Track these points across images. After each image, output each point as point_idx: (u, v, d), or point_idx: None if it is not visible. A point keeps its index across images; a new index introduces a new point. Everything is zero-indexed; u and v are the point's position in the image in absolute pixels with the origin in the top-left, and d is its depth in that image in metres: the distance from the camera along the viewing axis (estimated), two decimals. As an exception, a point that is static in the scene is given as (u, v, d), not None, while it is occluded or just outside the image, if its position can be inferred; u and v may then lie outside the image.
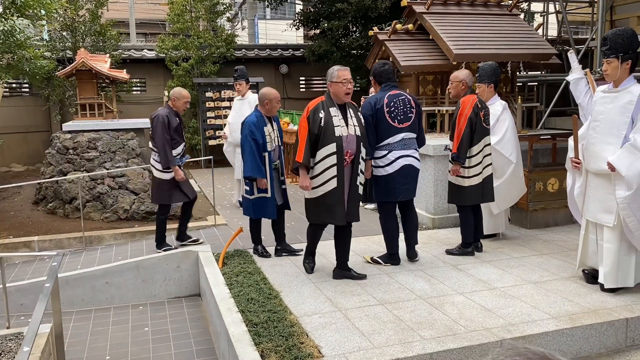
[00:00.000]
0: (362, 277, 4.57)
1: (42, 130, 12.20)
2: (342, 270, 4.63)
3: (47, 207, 7.63)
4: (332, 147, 4.29)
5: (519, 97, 7.58)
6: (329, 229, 6.20)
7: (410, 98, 4.89)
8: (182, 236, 5.95)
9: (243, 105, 7.19)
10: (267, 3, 12.88)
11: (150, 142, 5.81)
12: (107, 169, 7.51)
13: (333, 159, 4.31)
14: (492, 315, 3.81)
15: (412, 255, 4.98)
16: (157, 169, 5.64)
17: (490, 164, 5.13)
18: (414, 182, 4.86)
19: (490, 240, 5.60)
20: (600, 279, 4.20)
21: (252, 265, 4.98)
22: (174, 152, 5.63)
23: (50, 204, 7.58)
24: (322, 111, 4.36)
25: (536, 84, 10.94)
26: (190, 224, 6.81)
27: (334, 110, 4.38)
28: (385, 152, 4.77)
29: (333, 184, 4.36)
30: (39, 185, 7.93)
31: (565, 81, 8.51)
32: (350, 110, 4.48)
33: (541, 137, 6.37)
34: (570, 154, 4.35)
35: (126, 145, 7.87)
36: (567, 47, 11.41)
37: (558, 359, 0.97)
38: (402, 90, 5.02)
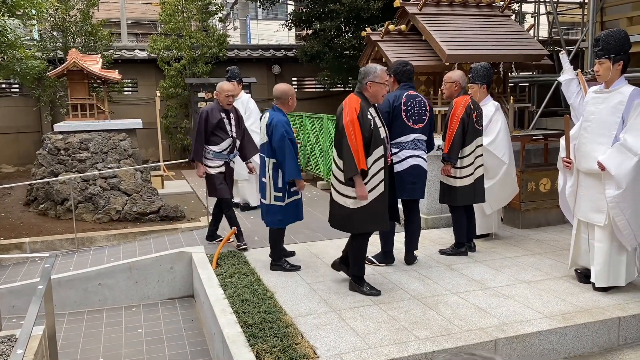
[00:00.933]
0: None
1: (32, 131, 12.11)
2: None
3: (38, 208, 7.57)
4: (381, 150, 4.09)
5: (511, 97, 7.63)
6: (325, 230, 6.21)
7: (426, 101, 4.92)
8: (213, 235, 5.88)
9: (237, 106, 7.13)
10: (259, 3, 12.85)
11: None
12: (99, 170, 7.47)
13: (381, 163, 4.10)
14: (486, 315, 3.83)
15: (410, 260, 4.98)
16: (206, 164, 5.56)
17: (482, 164, 5.16)
18: (421, 182, 4.86)
19: (483, 240, 5.62)
20: (592, 278, 4.24)
21: (246, 266, 4.97)
22: (217, 148, 5.51)
23: (42, 205, 7.53)
24: (368, 112, 4.11)
25: (528, 84, 11.01)
26: (183, 225, 6.81)
27: (372, 111, 4.18)
28: (397, 150, 4.77)
29: (381, 188, 4.12)
30: (30, 187, 7.87)
31: (556, 82, 8.58)
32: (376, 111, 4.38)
33: (533, 138, 6.41)
34: (562, 153, 4.39)
35: (118, 146, 7.83)
36: (558, 48, 11.49)
37: None
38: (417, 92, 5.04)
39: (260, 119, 5.02)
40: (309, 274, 4.78)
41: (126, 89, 12.80)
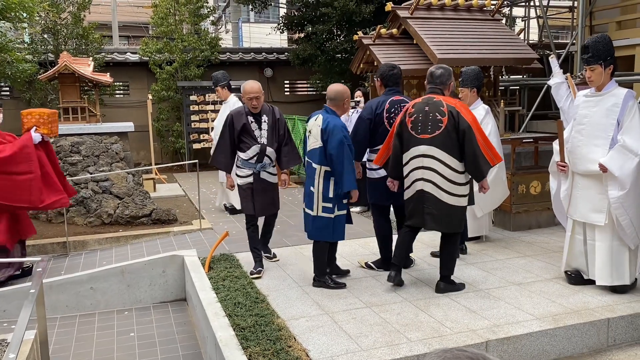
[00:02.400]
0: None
1: (23, 134, 12.03)
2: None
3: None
4: None
5: (502, 101, 7.69)
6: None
7: None
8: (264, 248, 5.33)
9: (225, 110, 7.16)
10: (251, 6, 12.87)
11: None
12: (91, 173, 7.45)
13: None
14: (477, 316, 3.86)
15: (406, 264, 4.99)
16: (235, 173, 5.05)
17: None
18: None
19: (474, 242, 5.66)
20: (594, 277, 4.28)
21: (239, 269, 4.98)
22: (244, 155, 4.90)
23: (33, 209, 7.50)
24: None
25: (518, 88, 11.10)
26: (175, 228, 6.80)
27: None
28: None
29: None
30: (21, 190, 7.82)
31: (546, 85, 8.66)
32: None
33: (523, 141, 6.47)
34: (556, 157, 4.44)
35: (110, 149, 7.81)
36: (548, 52, 11.60)
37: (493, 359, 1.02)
38: (405, 96, 5.05)
39: (307, 121, 4.66)
40: (301, 277, 4.79)
41: (118, 92, 12.78)
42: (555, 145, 4.47)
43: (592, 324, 3.78)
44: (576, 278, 4.44)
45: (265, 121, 4.93)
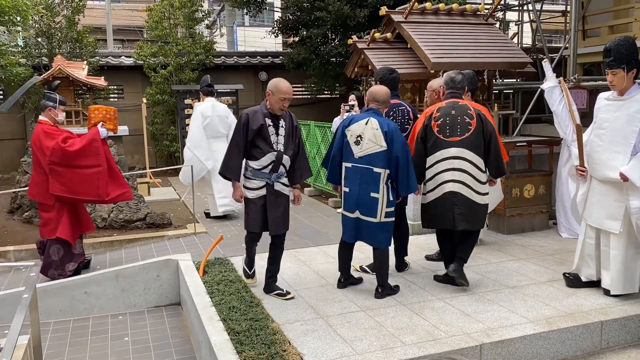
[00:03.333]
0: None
1: (17, 138, 11.99)
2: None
3: (23, 216, 7.50)
4: None
5: (496, 104, 7.72)
6: (313, 237, 6.24)
7: (410, 110, 4.93)
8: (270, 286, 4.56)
9: (195, 113, 7.40)
10: (246, 10, 12.89)
11: None
12: (85, 177, 7.41)
13: None
14: (471, 320, 3.87)
15: (400, 267, 5.01)
16: (244, 185, 4.48)
17: None
18: None
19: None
20: (606, 285, 4.23)
21: (233, 273, 4.97)
22: (256, 164, 4.35)
23: (26, 213, 7.46)
24: None
25: (512, 91, 11.15)
26: (169, 232, 6.78)
27: None
28: None
29: None
30: (15, 194, 7.79)
31: (540, 89, 8.70)
32: None
33: (517, 144, 6.49)
34: (575, 161, 4.39)
35: (104, 153, 7.78)
36: (542, 56, 11.66)
37: None
38: (402, 100, 5.05)
39: (350, 124, 4.32)
40: (296, 281, 4.79)
41: (112, 95, 12.75)
42: (575, 149, 4.42)
43: (585, 327, 3.79)
44: (574, 281, 4.44)
45: (282, 126, 4.42)
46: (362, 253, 5.55)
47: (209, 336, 3.61)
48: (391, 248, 4.92)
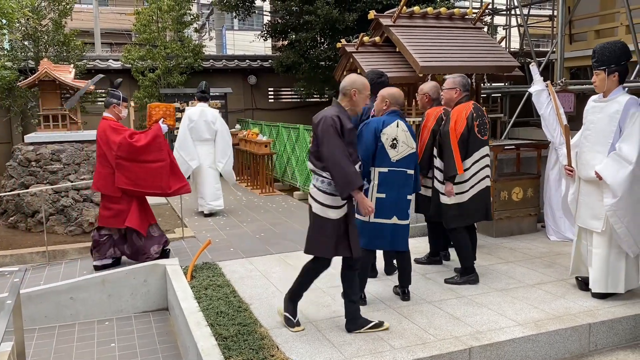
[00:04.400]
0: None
1: (2, 142, 11.85)
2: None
3: (8, 221, 7.41)
4: None
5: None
6: (302, 240, 6.21)
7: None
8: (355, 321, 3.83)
9: (183, 118, 7.92)
10: (235, 14, 12.86)
11: (308, 162, 3.91)
12: (72, 182, 7.35)
13: None
14: (460, 323, 3.86)
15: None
16: (318, 201, 3.72)
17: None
18: None
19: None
20: (590, 284, 4.29)
21: (221, 278, 4.93)
22: None
23: (12, 218, 7.37)
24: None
25: (499, 95, 11.21)
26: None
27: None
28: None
29: None
30: (0, 199, 7.69)
31: (527, 93, 8.76)
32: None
33: (505, 147, 6.52)
34: (564, 161, 4.49)
35: (91, 157, 7.71)
36: (529, 60, 11.74)
37: None
38: None
39: (383, 128, 4.14)
40: (285, 285, 4.74)
41: (99, 99, 12.65)
42: (564, 149, 4.52)
43: (574, 329, 3.80)
44: (586, 284, 4.43)
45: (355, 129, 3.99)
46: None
47: (197, 342, 3.58)
48: (379, 252, 4.93)
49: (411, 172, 4.26)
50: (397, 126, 4.18)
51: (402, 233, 4.28)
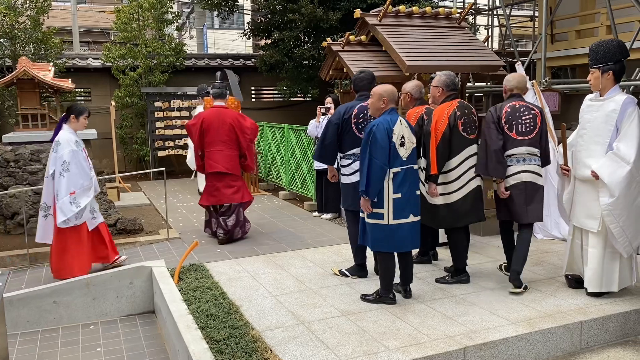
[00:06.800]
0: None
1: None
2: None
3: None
4: None
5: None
6: (290, 240, 6.15)
7: None
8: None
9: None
10: (217, 12, 12.74)
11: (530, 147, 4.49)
12: (52, 182, 7.17)
13: None
14: (453, 322, 3.85)
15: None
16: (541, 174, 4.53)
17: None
18: None
19: (445, 247, 5.64)
20: (585, 283, 4.30)
21: (209, 279, 4.85)
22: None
23: (-10, 220, 7.17)
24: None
25: (482, 94, 11.30)
26: (141, 238, 6.59)
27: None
28: (350, 161, 4.78)
29: None
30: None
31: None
32: None
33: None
34: (560, 160, 4.47)
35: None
36: (511, 60, 11.84)
37: None
38: None
39: (392, 127, 4.14)
40: (274, 286, 4.70)
41: (79, 98, 12.42)
42: (560, 148, 4.51)
43: (565, 327, 3.81)
44: (577, 281, 4.45)
45: None
46: (340, 257, 5.51)
47: (187, 345, 3.50)
48: (370, 252, 4.89)
49: (417, 167, 4.27)
50: (401, 123, 4.16)
51: (417, 230, 4.26)
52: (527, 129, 4.46)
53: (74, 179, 5.29)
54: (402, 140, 4.13)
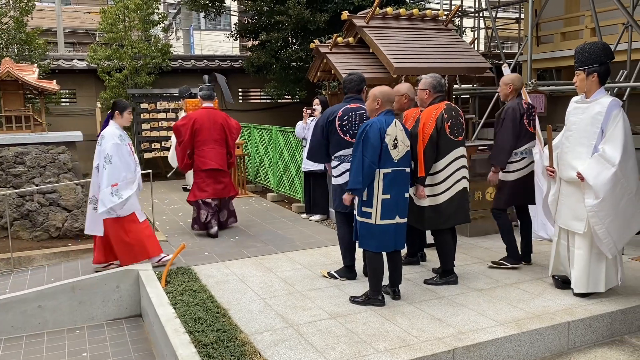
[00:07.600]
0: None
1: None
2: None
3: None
4: None
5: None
6: (277, 243, 6.13)
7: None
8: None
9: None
10: (203, 14, 12.68)
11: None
12: (37, 185, 7.09)
13: None
14: (442, 324, 3.85)
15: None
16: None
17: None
18: None
19: (433, 249, 5.65)
20: (572, 284, 4.33)
21: (197, 283, 4.82)
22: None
23: (-27, 224, 7.06)
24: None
25: (469, 96, 11.36)
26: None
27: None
28: (337, 162, 4.78)
29: None
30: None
31: (497, 94, 8.88)
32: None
33: (479, 148, 6.57)
34: (546, 162, 4.50)
35: (57, 159, 7.46)
36: (497, 62, 11.93)
37: None
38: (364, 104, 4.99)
39: (386, 128, 4.14)
40: (263, 289, 4.67)
41: (64, 100, 12.29)
42: (546, 150, 4.54)
43: (553, 328, 3.83)
44: (564, 282, 4.48)
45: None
46: (328, 259, 5.49)
47: (175, 349, 3.46)
48: (359, 254, 4.89)
49: (408, 170, 4.28)
50: (396, 126, 4.17)
51: (402, 232, 4.28)
52: (534, 125, 4.98)
53: (116, 172, 5.30)
54: (395, 142, 4.14)
